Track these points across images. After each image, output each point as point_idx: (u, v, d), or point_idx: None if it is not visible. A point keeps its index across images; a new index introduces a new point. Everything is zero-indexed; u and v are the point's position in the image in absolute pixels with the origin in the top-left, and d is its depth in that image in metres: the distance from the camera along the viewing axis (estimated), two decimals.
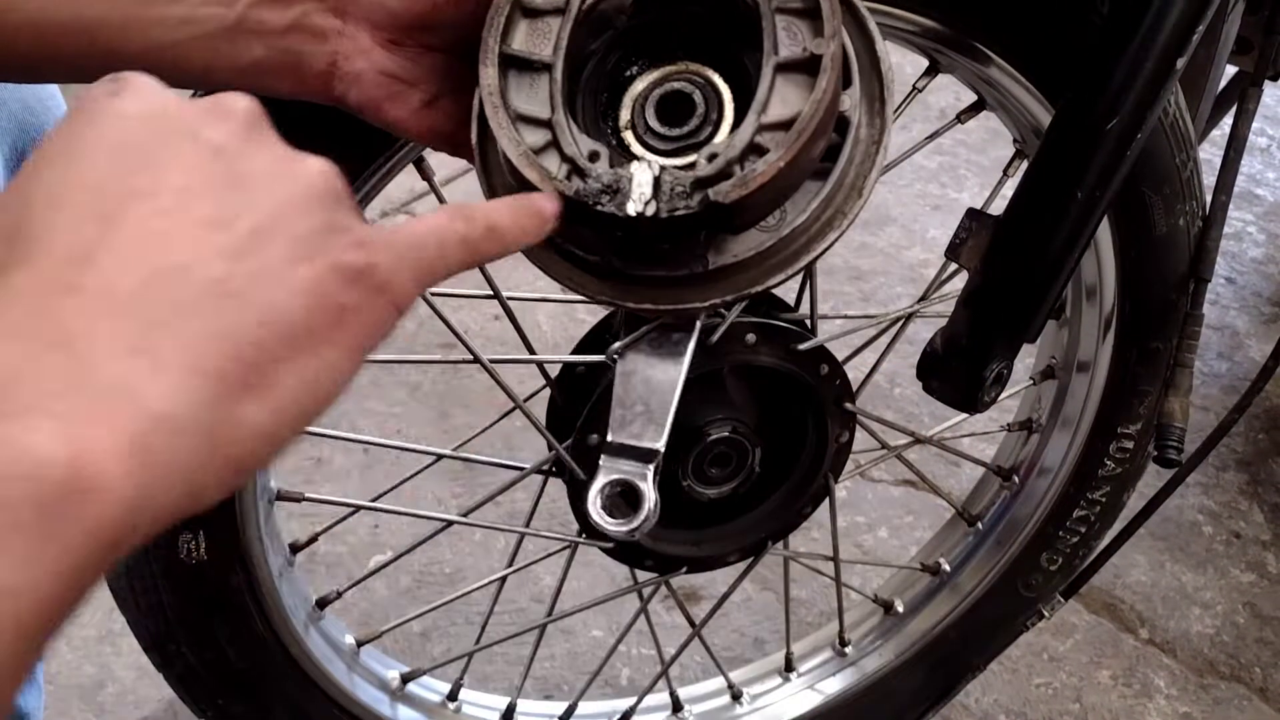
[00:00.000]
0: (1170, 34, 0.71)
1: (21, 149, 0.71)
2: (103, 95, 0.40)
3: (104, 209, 0.37)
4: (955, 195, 2.22)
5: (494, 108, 0.53)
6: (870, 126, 0.56)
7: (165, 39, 0.56)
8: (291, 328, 0.38)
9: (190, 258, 0.37)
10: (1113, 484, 1.06)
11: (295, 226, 0.39)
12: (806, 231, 0.55)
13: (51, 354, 0.33)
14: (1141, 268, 0.94)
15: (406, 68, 0.58)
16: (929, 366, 0.82)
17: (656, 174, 0.50)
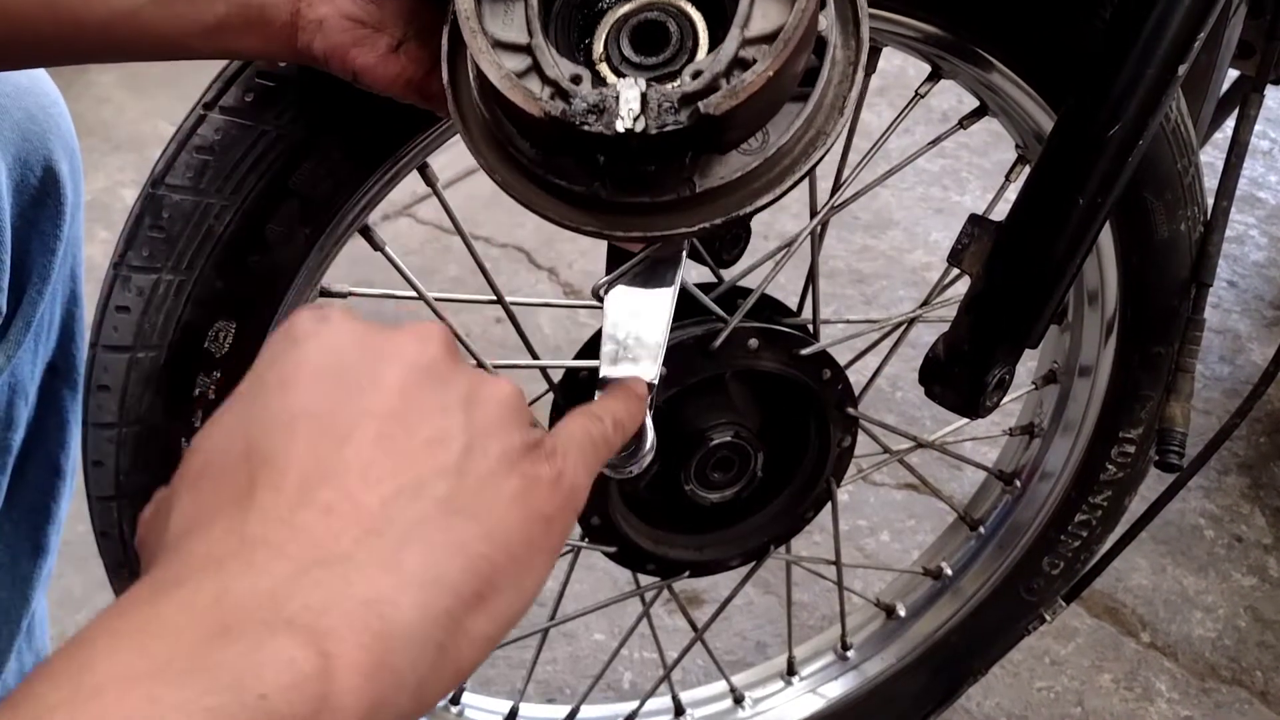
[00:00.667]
0: (1172, 41, 0.71)
1: (24, 158, 0.71)
2: (310, 323, 0.43)
3: (335, 431, 0.39)
4: (957, 198, 2.22)
5: (472, 32, 0.52)
6: (846, 48, 0.56)
7: (126, 6, 0.56)
8: (509, 540, 0.41)
9: (419, 476, 0.40)
10: (1114, 488, 1.06)
11: (499, 444, 0.42)
12: (790, 152, 0.55)
13: (311, 573, 0.36)
14: (1143, 273, 0.94)
15: (371, 11, 0.58)
16: (931, 372, 0.82)
17: (643, 90, 0.50)
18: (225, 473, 0.39)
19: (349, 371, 0.41)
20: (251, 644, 0.33)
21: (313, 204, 0.72)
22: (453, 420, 0.42)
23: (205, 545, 0.37)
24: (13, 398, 0.77)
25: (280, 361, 0.42)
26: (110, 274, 0.73)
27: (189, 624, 0.33)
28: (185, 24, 0.57)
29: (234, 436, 0.40)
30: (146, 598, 0.35)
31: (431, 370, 0.43)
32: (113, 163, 2.22)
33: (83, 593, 1.39)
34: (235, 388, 0.44)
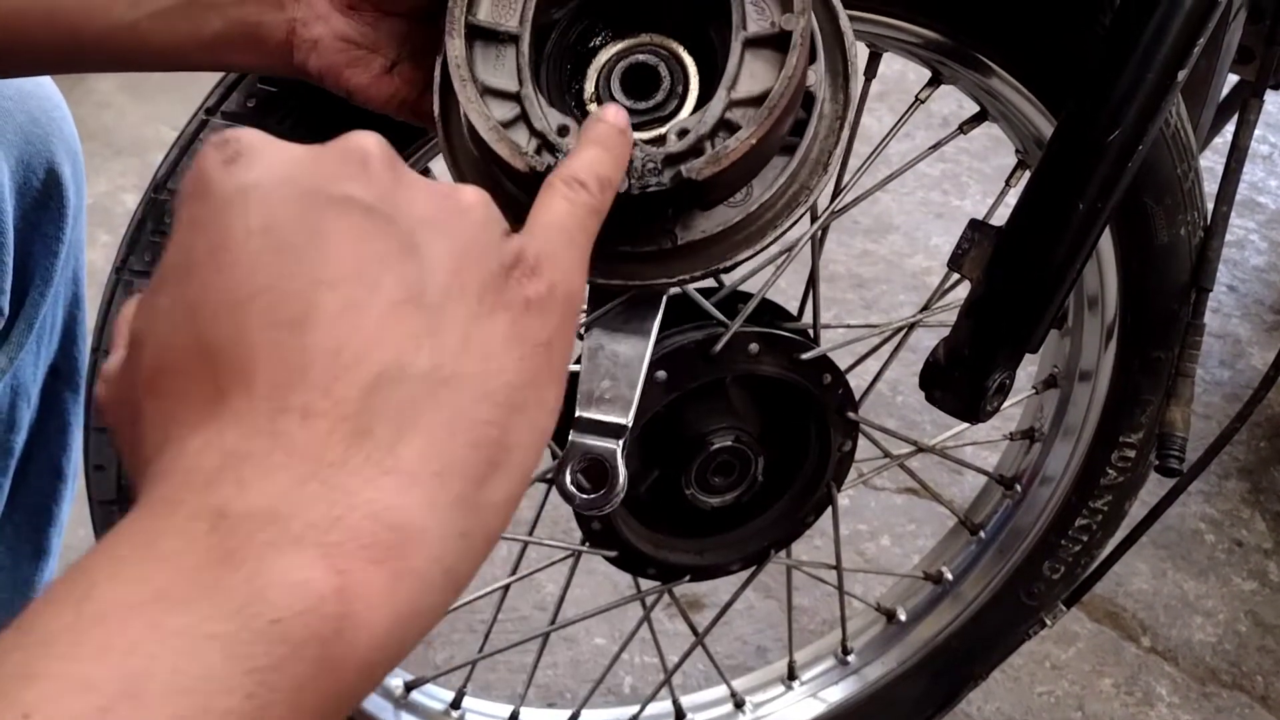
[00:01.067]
0: (1171, 46, 0.71)
1: (27, 161, 0.71)
2: (217, 167, 0.37)
3: (291, 312, 0.35)
4: (958, 203, 2.22)
5: (461, 81, 0.52)
6: (834, 101, 0.56)
7: (124, 18, 0.57)
8: (510, 389, 0.37)
9: (397, 352, 0.35)
10: (1115, 493, 1.06)
11: (475, 277, 0.38)
12: (773, 207, 0.55)
13: (307, 485, 0.33)
14: (1143, 277, 0.94)
15: (365, 33, 0.58)
16: (932, 376, 0.82)
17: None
18: (184, 374, 0.35)
19: (283, 229, 0.36)
20: (257, 567, 0.31)
21: None
22: (416, 263, 0.37)
23: (188, 459, 0.34)
24: (15, 400, 0.78)
25: (205, 227, 0.36)
26: (113, 278, 0.74)
27: (189, 548, 0.32)
28: (182, 38, 0.57)
29: (178, 326, 0.36)
30: (144, 524, 0.33)
31: (378, 204, 0.37)
32: (114, 167, 2.22)
33: None
34: (161, 260, 0.39)
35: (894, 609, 1.14)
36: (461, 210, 0.39)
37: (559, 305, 0.40)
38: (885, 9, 0.77)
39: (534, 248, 0.40)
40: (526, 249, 0.40)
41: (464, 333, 0.37)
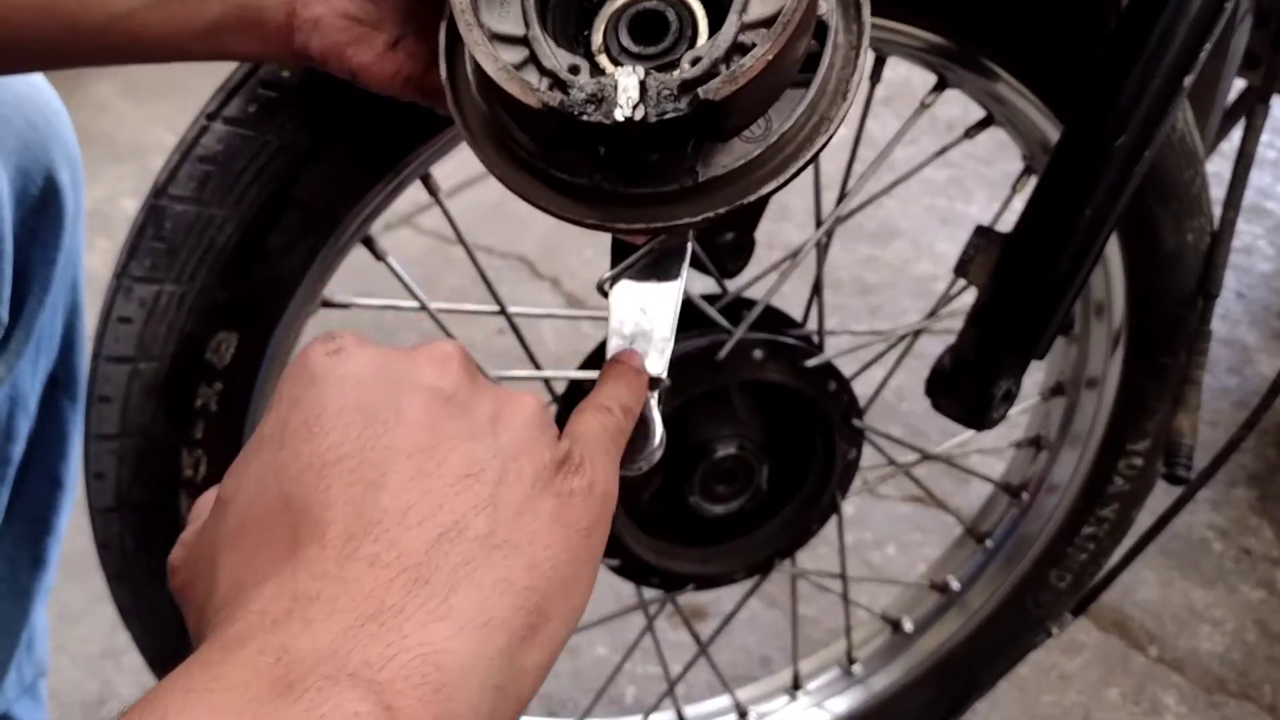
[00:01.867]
0: (1177, 52, 0.71)
1: (25, 168, 0.71)
2: (322, 357, 0.43)
3: (368, 475, 0.40)
4: (963, 208, 2.21)
5: (467, 25, 0.51)
6: (848, 32, 0.55)
7: (121, 8, 0.56)
8: (554, 564, 0.41)
9: (458, 516, 0.40)
10: (1122, 501, 1.05)
11: (530, 465, 0.42)
12: (794, 139, 0.54)
13: (367, 627, 0.36)
14: (1150, 284, 0.93)
15: (367, 9, 0.57)
16: (937, 384, 0.81)
17: (642, 78, 0.49)
18: (265, 528, 0.40)
19: (372, 407, 0.41)
20: (316, 699, 0.34)
21: (315, 215, 0.72)
22: (481, 446, 0.42)
23: (260, 603, 0.37)
24: (13, 409, 0.77)
25: (301, 404, 0.42)
26: (113, 285, 0.73)
27: (255, 681, 0.35)
28: (180, 26, 0.56)
29: (266, 487, 0.41)
30: (214, 658, 0.36)
31: (454, 396, 0.43)
32: (113, 172, 2.22)
33: (82, 605, 1.38)
34: (256, 432, 0.44)
35: (899, 618, 1.13)
36: (523, 409, 0.44)
37: (598, 500, 0.44)
38: (890, 13, 0.77)
39: (579, 450, 0.45)
40: (573, 450, 0.45)
41: (518, 509, 0.41)
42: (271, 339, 0.76)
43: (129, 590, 0.82)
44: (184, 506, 0.78)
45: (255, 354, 0.75)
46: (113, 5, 0.55)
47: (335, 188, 0.72)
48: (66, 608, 1.37)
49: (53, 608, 0.97)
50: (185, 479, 0.77)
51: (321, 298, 0.79)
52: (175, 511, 0.78)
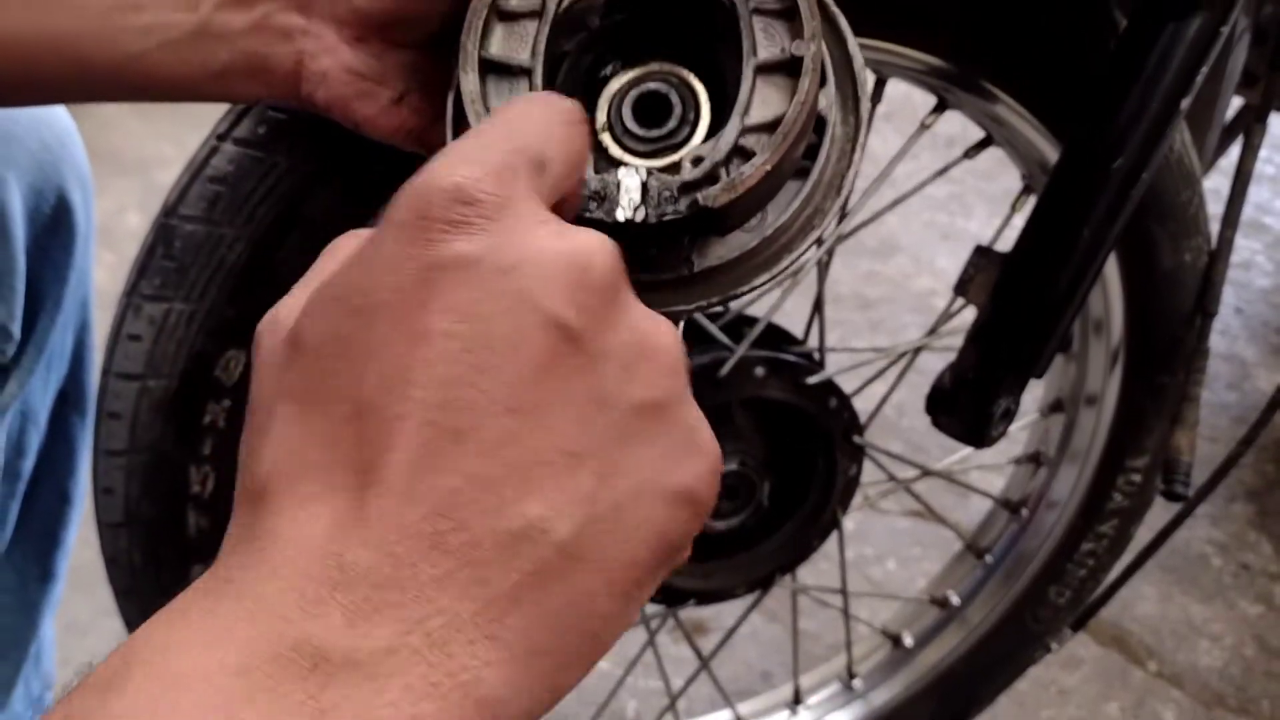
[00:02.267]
0: (1174, 76, 0.72)
1: (39, 187, 0.72)
2: (449, 223, 0.34)
3: (457, 421, 0.33)
4: (963, 224, 2.23)
5: (476, 114, 0.52)
6: (845, 124, 0.56)
7: (133, 48, 0.57)
8: (633, 582, 0.35)
9: (547, 507, 0.33)
10: (1121, 517, 1.06)
11: (652, 449, 0.36)
12: (788, 231, 0.54)
13: (411, 636, 0.31)
14: (1148, 302, 0.94)
15: (373, 65, 0.58)
16: (937, 401, 0.82)
17: (644, 179, 0.50)
18: (333, 421, 0.33)
19: (482, 331, 0.33)
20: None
21: (325, 233, 0.73)
22: (597, 418, 0.34)
23: (304, 549, 0.32)
24: (25, 425, 0.78)
25: (414, 290, 0.34)
26: (122, 303, 0.74)
27: (285, 694, 0.30)
28: (191, 69, 0.57)
29: (350, 366, 0.34)
30: (244, 631, 0.31)
31: (583, 334, 0.34)
32: (118, 186, 2.23)
33: (89, 618, 1.39)
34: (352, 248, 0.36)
35: (900, 633, 1.14)
36: (659, 346, 0.37)
37: (702, 511, 0.38)
38: (891, 36, 0.78)
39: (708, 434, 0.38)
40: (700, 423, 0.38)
41: (617, 506, 0.35)
42: None
43: (137, 605, 0.82)
44: (191, 522, 0.79)
45: None
46: (127, 46, 0.56)
47: (344, 207, 0.73)
48: (73, 620, 1.38)
49: (59, 620, 0.98)
50: (193, 494, 0.78)
51: None
52: (183, 527, 0.79)
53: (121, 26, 0.56)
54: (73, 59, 0.56)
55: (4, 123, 0.69)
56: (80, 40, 0.56)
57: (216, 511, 0.79)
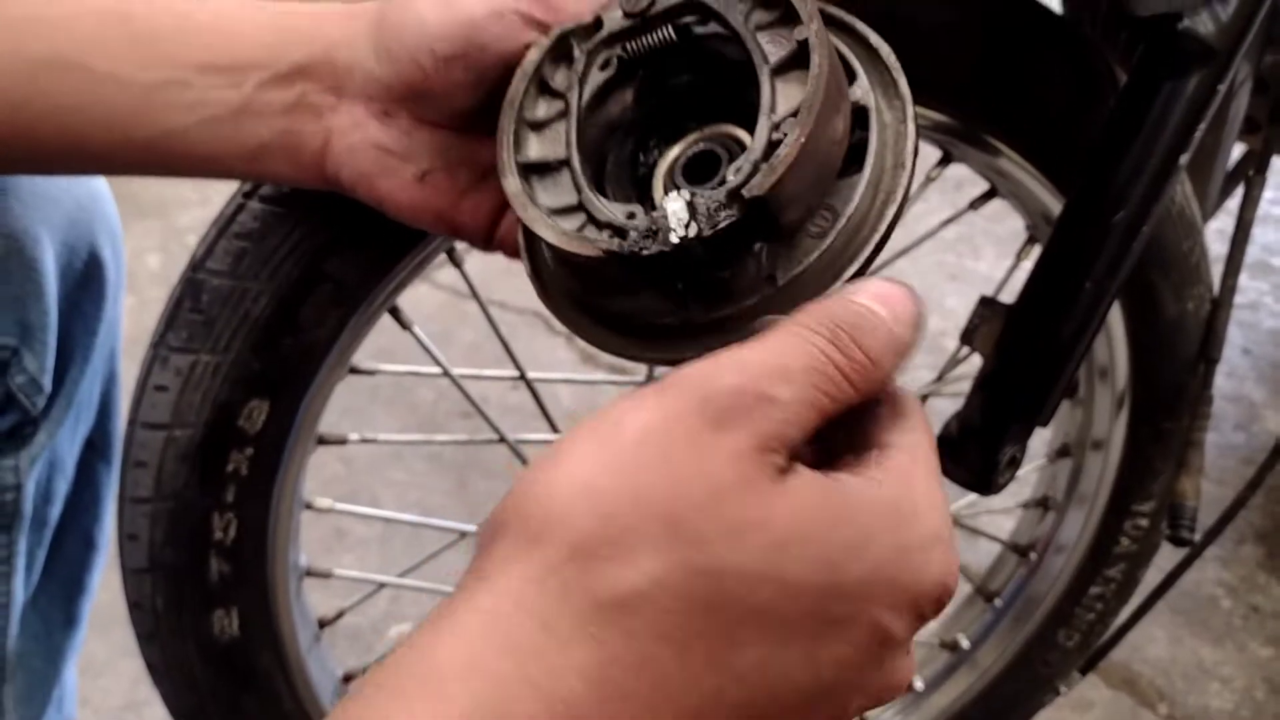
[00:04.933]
0: (1173, 132, 0.74)
1: (71, 244, 0.74)
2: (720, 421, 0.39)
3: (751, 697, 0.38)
4: (972, 265, 2.24)
5: (523, 208, 0.54)
6: (891, 108, 0.56)
7: (176, 125, 0.58)
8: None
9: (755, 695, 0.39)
10: (1128, 561, 1.07)
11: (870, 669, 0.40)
12: (863, 219, 0.54)
13: None
14: (1152, 350, 0.96)
15: (399, 140, 0.59)
16: (945, 450, 0.83)
17: (689, 199, 0.50)
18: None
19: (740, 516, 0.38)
20: None
21: (346, 287, 0.75)
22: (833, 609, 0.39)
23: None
24: (52, 474, 0.80)
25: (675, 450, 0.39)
26: (149, 354, 0.76)
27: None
28: (228, 147, 0.59)
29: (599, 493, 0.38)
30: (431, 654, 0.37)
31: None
32: (139, 228, 2.26)
33: (105, 658, 1.40)
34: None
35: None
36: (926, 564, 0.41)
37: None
38: None
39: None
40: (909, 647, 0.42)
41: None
42: (301, 405, 0.78)
43: (159, 649, 0.84)
44: (213, 567, 0.81)
45: (286, 420, 0.78)
46: (169, 121, 0.58)
47: (365, 262, 0.75)
48: (90, 660, 1.39)
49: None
50: (215, 541, 0.80)
51: (349, 365, 0.82)
52: (205, 572, 0.81)
53: (166, 102, 0.58)
54: (114, 133, 0.58)
55: (39, 182, 0.71)
56: (123, 114, 0.58)
57: (238, 558, 0.81)
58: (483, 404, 0.95)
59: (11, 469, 0.75)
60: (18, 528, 0.78)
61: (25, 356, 0.72)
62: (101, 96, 0.58)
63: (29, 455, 0.75)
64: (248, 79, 0.58)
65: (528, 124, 0.56)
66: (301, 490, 0.85)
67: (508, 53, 0.57)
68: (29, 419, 0.75)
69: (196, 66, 0.58)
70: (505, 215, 0.62)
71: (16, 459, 0.75)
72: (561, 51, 0.56)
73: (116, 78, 0.58)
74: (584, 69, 0.55)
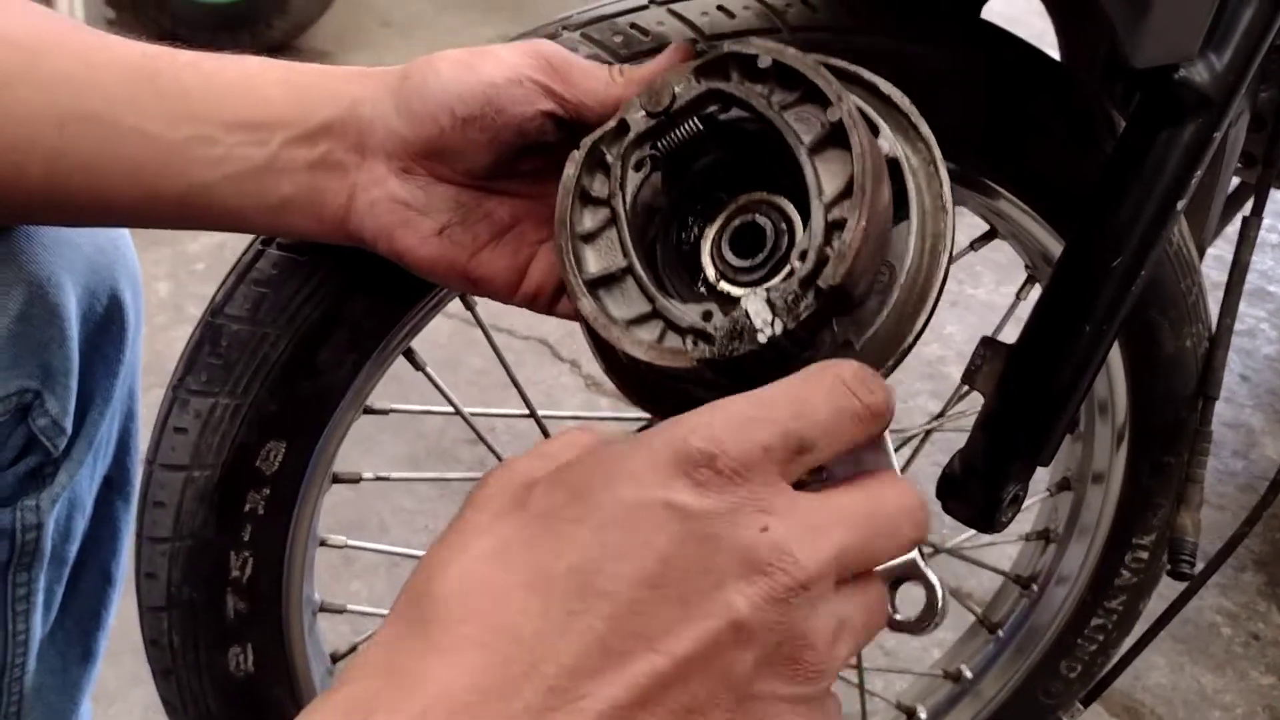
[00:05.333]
0: (1170, 179, 0.75)
1: (92, 288, 0.75)
2: (689, 477, 0.40)
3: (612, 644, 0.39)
4: (972, 291, 2.26)
5: (604, 327, 0.54)
6: (917, 153, 0.58)
7: (201, 180, 0.60)
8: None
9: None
10: (1129, 593, 1.08)
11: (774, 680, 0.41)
12: (919, 269, 0.56)
13: None
14: (1151, 386, 0.97)
15: (418, 195, 0.61)
16: (947, 488, 0.85)
17: (766, 297, 0.51)
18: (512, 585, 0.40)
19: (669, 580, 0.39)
20: None
21: (362, 331, 0.77)
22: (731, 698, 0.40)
23: (444, 674, 0.38)
24: (72, 512, 0.81)
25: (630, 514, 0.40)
26: (169, 396, 0.78)
27: None
28: (253, 202, 0.61)
29: (554, 544, 0.40)
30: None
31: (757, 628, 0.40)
32: (149, 256, 2.28)
33: (115, 688, 1.41)
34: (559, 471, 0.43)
35: (914, 707, 1.15)
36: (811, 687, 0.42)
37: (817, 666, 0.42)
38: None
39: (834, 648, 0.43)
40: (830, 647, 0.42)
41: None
42: (317, 446, 0.80)
43: (175, 685, 0.85)
44: (230, 605, 0.82)
45: (302, 460, 0.80)
46: (195, 176, 0.60)
47: (382, 307, 0.77)
48: (101, 689, 1.39)
49: None
50: (232, 579, 0.81)
51: (364, 405, 0.83)
52: (222, 610, 0.82)
53: (193, 158, 0.59)
54: (141, 186, 0.60)
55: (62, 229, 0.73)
56: (150, 169, 0.59)
57: (254, 595, 0.82)
58: (491, 433, 0.97)
59: (33, 509, 0.76)
60: (37, 566, 0.79)
61: (48, 400, 0.73)
62: (128, 151, 0.59)
63: (50, 495, 0.77)
64: (274, 136, 0.60)
65: (580, 238, 0.57)
66: (316, 527, 0.86)
67: (523, 117, 0.59)
68: (50, 460, 0.76)
69: (223, 123, 0.60)
70: (529, 272, 0.64)
71: (38, 499, 0.76)
72: (595, 159, 0.57)
73: (144, 132, 0.59)
74: (621, 173, 0.56)
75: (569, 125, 0.60)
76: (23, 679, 0.81)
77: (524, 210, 0.64)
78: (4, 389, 0.70)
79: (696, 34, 0.73)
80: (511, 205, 0.64)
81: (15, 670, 0.80)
